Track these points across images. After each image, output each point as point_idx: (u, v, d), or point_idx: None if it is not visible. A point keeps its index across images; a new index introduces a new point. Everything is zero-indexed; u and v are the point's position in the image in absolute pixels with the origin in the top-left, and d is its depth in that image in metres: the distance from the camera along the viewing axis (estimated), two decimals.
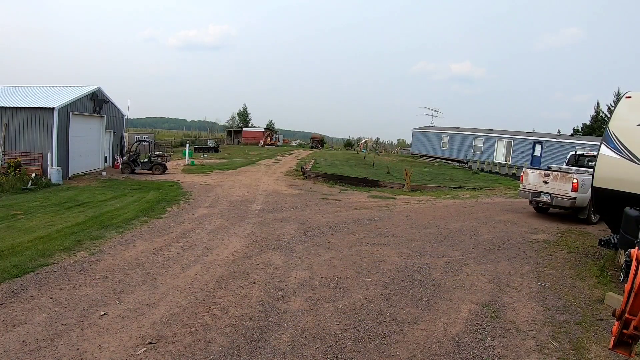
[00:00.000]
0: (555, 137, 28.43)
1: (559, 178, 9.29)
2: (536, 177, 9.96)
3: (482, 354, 3.14)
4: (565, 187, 9.03)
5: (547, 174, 9.73)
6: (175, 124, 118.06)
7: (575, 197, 8.87)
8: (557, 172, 9.62)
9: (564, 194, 9.05)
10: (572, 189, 8.88)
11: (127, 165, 17.74)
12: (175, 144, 39.93)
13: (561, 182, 9.17)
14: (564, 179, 9.14)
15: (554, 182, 9.41)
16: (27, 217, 7.96)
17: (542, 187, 9.72)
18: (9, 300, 3.94)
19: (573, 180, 8.88)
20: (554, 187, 9.35)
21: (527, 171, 10.49)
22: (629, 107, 5.58)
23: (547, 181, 9.60)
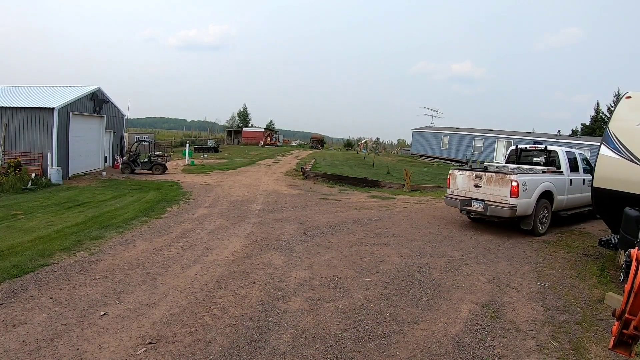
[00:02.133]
0: (555, 137, 28.44)
1: (493, 180, 7.44)
2: (465, 179, 8.02)
3: (482, 354, 3.14)
4: (502, 191, 7.24)
5: (478, 176, 7.80)
6: (175, 124, 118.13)
7: (516, 205, 7.02)
8: (491, 173, 7.68)
9: (501, 200, 7.26)
10: (510, 194, 7.07)
11: (127, 165, 17.75)
12: (175, 144, 39.95)
13: (497, 186, 7.36)
14: (500, 182, 7.31)
15: (487, 185, 7.54)
16: (27, 217, 7.96)
17: (474, 193, 7.82)
18: (9, 300, 3.94)
19: (512, 183, 7.05)
20: (488, 192, 7.52)
21: (454, 173, 8.37)
22: (629, 107, 5.58)
23: (479, 185, 7.69)
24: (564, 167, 8.60)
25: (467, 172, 8.14)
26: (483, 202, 7.57)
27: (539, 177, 7.73)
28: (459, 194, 8.12)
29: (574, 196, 8.75)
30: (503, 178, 7.29)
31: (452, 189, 8.32)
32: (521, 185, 7.05)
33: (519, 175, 7.22)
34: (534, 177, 7.54)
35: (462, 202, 7.95)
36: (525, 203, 7.23)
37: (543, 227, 7.89)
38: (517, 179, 7.08)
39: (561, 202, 8.28)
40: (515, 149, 10.01)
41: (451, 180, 8.36)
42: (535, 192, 7.39)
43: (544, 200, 7.65)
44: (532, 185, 7.31)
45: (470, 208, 7.92)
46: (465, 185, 8.02)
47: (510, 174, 7.25)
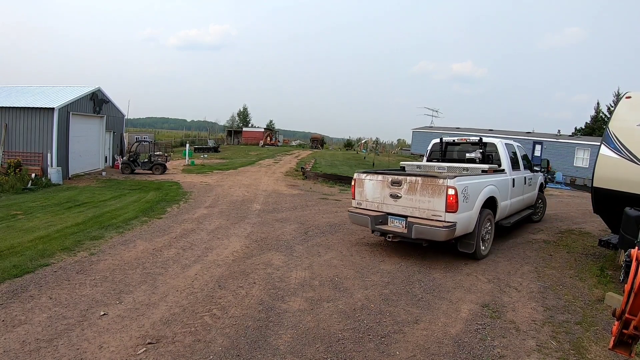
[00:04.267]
0: (555, 137, 28.45)
1: (419, 187, 5.32)
2: (378, 187, 5.78)
3: (482, 354, 3.14)
4: (434, 203, 5.16)
5: (396, 182, 5.54)
6: (175, 124, 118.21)
7: (454, 222, 5.02)
8: (415, 178, 5.43)
9: (432, 216, 5.15)
10: (446, 207, 5.04)
11: (127, 165, 17.76)
12: (175, 144, 39.96)
13: (424, 196, 5.25)
14: (430, 189, 5.21)
15: (410, 195, 5.40)
16: (27, 217, 7.96)
17: (391, 206, 5.62)
18: (9, 300, 3.94)
19: (448, 191, 5.01)
20: (412, 204, 5.37)
21: (360, 178, 6.04)
22: (629, 107, 5.57)
23: (397, 194, 5.51)
24: (505, 164, 6.86)
25: (379, 176, 5.80)
26: (405, 219, 5.39)
27: (481, 180, 5.73)
28: (369, 207, 5.88)
29: (517, 199, 7.25)
30: (434, 184, 5.15)
31: (358, 200, 6.03)
32: (460, 194, 5.04)
33: (457, 179, 5.08)
34: (475, 181, 5.52)
35: (373, 219, 5.64)
36: (467, 218, 5.23)
37: (486, 246, 5.91)
38: (455, 184, 4.99)
39: (505, 210, 6.60)
40: (439, 142, 7.79)
41: (357, 189, 6.05)
42: (478, 201, 5.47)
43: (487, 210, 5.80)
44: (473, 192, 5.34)
45: (385, 228, 5.60)
46: (377, 195, 5.76)
47: (445, 178, 5.10)
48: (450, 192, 5.02)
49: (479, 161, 7.05)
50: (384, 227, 5.69)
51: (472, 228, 5.43)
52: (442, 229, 4.98)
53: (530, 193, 8.13)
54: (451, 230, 5.02)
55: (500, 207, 6.32)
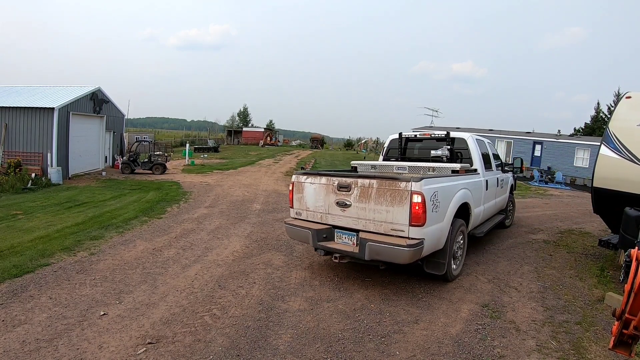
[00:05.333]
0: (555, 137, 28.45)
1: (374, 192, 4.12)
2: (321, 192, 4.56)
3: (482, 354, 3.14)
4: (395, 214, 3.99)
5: (344, 186, 4.34)
6: (175, 124, 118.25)
7: (422, 239, 3.91)
8: (368, 180, 4.20)
9: (392, 231, 4.01)
10: (411, 219, 3.89)
11: (127, 165, 17.77)
12: (175, 144, 39.97)
13: (382, 204, 4.07)
14: (389, 195, 4.02)
15: (363, 203, 4.20)
16: (27, 217, 7.96)
17: (337, 217, 4.43)
18: (9, 300, 3.94)
19: (413, 198, 3.87)
20: (366, 215, 4.18)
21: (299, 181, 4.78)
22: (629, 107, 5.57)
23: (346, 202, 4.32)
24: (478, 163, 5.83)
25: (322, 178, 4.54)
26: (356, 234, 4.20)
27: (453, 183, 4.63)
28: (310, 218, 4.65)
29: (490, 204, 6.33)
30: (394, 189, 3.95)
31: (297, 208, 4.79)
32: (429, 201, 3.89)
33: (425, 182, 3.91)
34: (446, 184, 4.42)
35: (315, 234, 4.42)
36: (437, 232, 4.11)
37: (458, 264, 4.89)
38: (422, 189, 3.83)
39: (478, 217, 5.61)
40: (398, 138, 6.56)
41: (295, 195, 4.79)
42: (450, 209, 4.39)
43: (460, 220, 4.76)
44: (444, 198, 4.26)
45: (331, 245, 4.37)
46: (321, 202, 4.52)
47: (408, 181, 3.89)
48: (415, 199, 3.81)
49: (446, 160, 5.90)
50: (329, 245, 4.37)
51: (443, 244, 4.34)
52: (405, 249, 3.74)
53: (503, 196, 7.44)
54: (417, 249, 3.81)
55: (474, 215, 5.31)
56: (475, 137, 6.20)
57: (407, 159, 6.66)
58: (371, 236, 4.09)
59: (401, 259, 3.91)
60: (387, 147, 7.02)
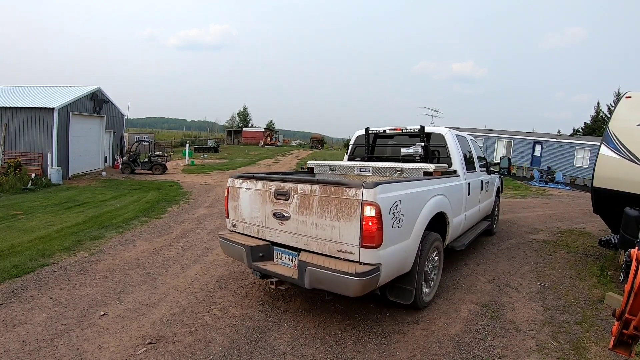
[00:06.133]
0: (555, 137, 28.46)
1: (315, 202, 3.20)
2: (257, 200, 3.69)
3: (482, 354, 3.14)
4: (341, 230, 3.06)
5: (282, 192, 3.44)
6: (175, 124, 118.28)
7: (378, 263, 3.00)
8: (309, 185, 3.29)
9: (340, 252, 3.10)
10: (362, 238, 2.96)
11: (127, 165, 17.77)
12: (175, 144, 40.00)
13: (325, 216, 3.14)
14: (334, 205, 3.09)
15: (303, 215, 3.29)
16: (27, 217, 7.96)
17: (275, 232, 3.56)
18: (9, 300, 3.94)
19: (365, 210, 2.93)
20: (307, 230, 3.27)
21: (234, 186, 3.94)
22: (629, 107, 5.57)
23: (283, 213, 3.43)
24: (458, 163, 4.97)
25: (258, 183, 3.69)
26: (297, 253, 3.35)
27: (424, 188, 3.75)
28: (247, 231, 3.85)
29: (473, 211, 5.47)
30: (340, 198, 3.07)
31: (233, 219, 3.98)
32: (388, 214, 3.05)
33: (382, 189, 3.03)
34: (413, 190, 3.51)
35: (250, 251, 3.61)
36: (399, 253, 3.26)
37: (431, 287, 4.08)
38: (377, 198, 2.95)
39: (458, 227, 4.77)
40: (365, 134, 5.75)
41: (230, 202, 3.98)
42: (419, 222, 3.54)
43: (434, 234, 3.92)
44: (411, 209, 3.41)
45: (267, 267, 3.55)
46: (256, 213, 3.68)
47: (359, 188, 3.01)
48: (367, 211, 2.90)
49: (420, 159, 5.04)
50: (264, 266, 3.56)
51: (410, 266, 3.47)
52: (354, 278, 2.85)
53: (488, 201, 6.58)
54: (370, 278, 2.92)
55: (453, 226, 4.45)
56: (455, 133, 5.28)
57: (376, 158, 5.78)
58: (313, 258, 3.15)
59: (349, 290, 2.92)
60: (352, 145, 6.09)
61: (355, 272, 2.91)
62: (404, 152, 5.18)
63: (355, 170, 5.07)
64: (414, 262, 3.56)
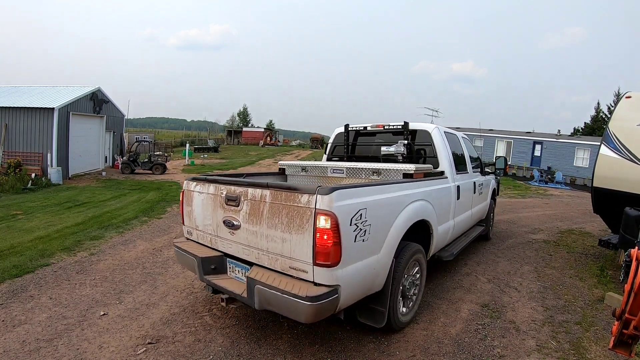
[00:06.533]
0: (555, 137, 28.46)
1: (265, 210, 2.75)
2: (209, 205, 3.25)
3: (482, 354, 3.14)
4: (292, 243, 2.57)
5: (232, 198, 2.99)
6: (175, 124, 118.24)
7: (335, 285, 2.49)
8: (259, 190, 2.82)
9: (292, 269, 2.61)
10: (315, 254, 2.45)
11: (127, 165, 17.78)
12: (175, 144, 40.01)
13: (275, 226, 2.68)
14: (285, 214, 2.62)
15: (253, 223, 2.84)
16: (27, 217, 7.96)
17: (227, 242, 3.12)
18: (9, 300, 3.94)
19: (317, 220, 2.43)
20: (258, 241, 2.82)
21: (189, 189, 3.52)
22: (629, 107, 5.58)
23: (233, 221, 2.98)
24: (446, 164, 4.46)
25: (211, 186, 3.27)
26: (249, 267, 2.97)
27: (398, 194, 3.24)
28: (201, 240, 3.48)
29: (464, 217, 4.98)
30: (291, 205, 2.61)
31: (188, 227, 3.62)
32: (348, 225, 2.56)
33: (339, 195, 2.51)
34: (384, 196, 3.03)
35: (201, 262, 3.23)
36: (366, 271, 2.80)
37: (410, 306, 3.60)
38: (332, 207, 2.45)
39: (445, 236, 4.31)
40: (344, 131, 5.33)
41: (185, 207, 3.61)
42: (392, 234, 3.06)
43: (413, 245, 3.45)
44: (382, 217, 2.96)
45: (218, 282, 3.16)
46: (209, 220, 3.29)
47: (312, 193, 2.52)
48: (321, 222, 2.43)
49: (402, 159, 4.57)
50: (215, 281, 3.15)
51: (382, 284, 3.02)
52: (305, 303, 2.38)
53: (482, 204, 6.05)
54: (327, 302, 2.44)
55: (438, 234, 3.98)
56: (444, 130, 4.83)
57: (356, 158, 5.33)
58: (264, 275, 2.72)
59: (300, 315, 2.47)
60: (331, 143, 5.60)
61: (306, 296, 2.40)
62: (384, 151, 4.74)
63: (329, 172, 4.59)
64: (387, 279, 3.07)
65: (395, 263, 3.16)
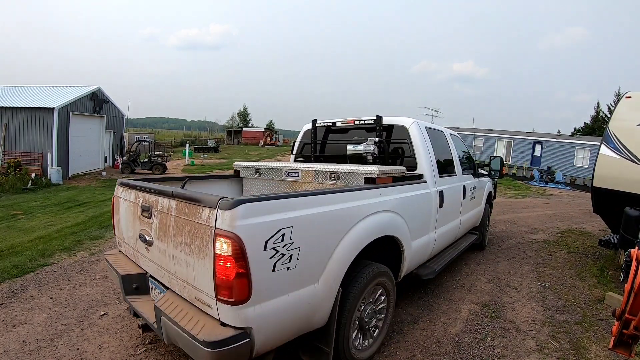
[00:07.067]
0: (555, 137, 28.46)
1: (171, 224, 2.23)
2: (130, 215, 2.82)
3: (482, 354, 3.14)
4: (195, 269, 2.02)
5: (146, 209, 2.50)
6: (175, 124, 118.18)
7: (243, 327, 1.87)
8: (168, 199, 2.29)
9: (198, 302, 2.06)
10: (217, 287, 1.86)
11: (127, 165, 17.78)
12: (175, 144, 40.03)
13: (180, 246, 2.13)
14: (187, 231, 2.07)
15: (162, 239, 2.33)
16: (27, 217, 7.96)
17: (144, 259, 2.66)
18: (9, 300, 3.94)
19: (217, 245, 1.83)
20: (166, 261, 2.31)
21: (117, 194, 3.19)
22: (629, 107, 5.58)
23: (146, 235, 2.51)
24: (425, 165, 3.74)
25: (132, 192, 2.86)
26: (165, 291, 2.42)
27: (346, 205, 2.50)
28: (127, 253, 3.10)
29: (449, 228, 4.26)
30: (193, 219, 2.03)
31: (118, 237, 3.29)
32: (259, 251, 1.89)
33: (245, 210, 1.84)
34: (321, 209, 2.27)
35: (121, 280, 2.76)
36: (294, 307, 2.13)
37: (372, 339, 3.00)
38: (233, 226, 1.80)
39: (424, 252, 3.67)
40: (312, 127, 4.66)
41: (115, 215, 3.30)
42: (338, 257, 2.38)
43: (375, 268, 2.81)
44: (318, 238, 2.26)
45: (137, 304, 2.65)
46: (130, 231, 2.90)
47: (213, 207, 1.89)
48: (221, 247, 1.85)
49: (373, 159, 3.86)
50: (135, 302, 2.70)
51: (324, 320, 2.40)
52: (204, 350, 1.83)
53: (474, 210, 5.35)
54: (233, 349, 1.86)
55: (413, 251, 3.36)
56: (425, 125, 4.06)
57: (324, 158, 4.63)
58: (173, 304, 2.22)
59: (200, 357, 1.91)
60: (300, 141, 4.98)
61: (203, 340, 1.82)
62: (350, 151, 3.98)
63: (283, 175, 3.80)
64: (332, 313, 2.40)
65: (343, 292, 2.49)
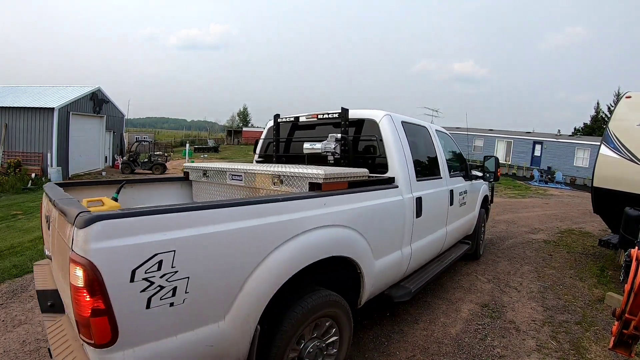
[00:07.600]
0: (555, 137, 28.48)
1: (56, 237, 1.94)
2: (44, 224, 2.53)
3: (481, 354, 3.14)
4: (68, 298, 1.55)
5: (47, 219, 2.28)
6: (175, 124, 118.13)
7: None
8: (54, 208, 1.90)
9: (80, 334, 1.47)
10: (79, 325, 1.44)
11: (127, 165, 17.79)
12: (175, 144, 40.05)
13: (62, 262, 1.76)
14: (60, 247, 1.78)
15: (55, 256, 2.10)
16: (27, 217, 7.97)
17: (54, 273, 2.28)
18: (9, 300, 3.94)
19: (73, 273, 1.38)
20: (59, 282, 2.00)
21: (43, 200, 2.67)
22: (629, 107, 5.58)
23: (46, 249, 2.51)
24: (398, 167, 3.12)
25: (45, 198, 2.52)
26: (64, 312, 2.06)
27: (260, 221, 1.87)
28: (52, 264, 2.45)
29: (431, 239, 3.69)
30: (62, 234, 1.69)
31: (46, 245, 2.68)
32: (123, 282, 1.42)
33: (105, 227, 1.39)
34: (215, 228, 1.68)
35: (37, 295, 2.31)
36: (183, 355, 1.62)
37: None
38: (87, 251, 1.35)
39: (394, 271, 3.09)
40: (273, 124, 4.12)
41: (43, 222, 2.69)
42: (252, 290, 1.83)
43: (319, 297, 2.23)
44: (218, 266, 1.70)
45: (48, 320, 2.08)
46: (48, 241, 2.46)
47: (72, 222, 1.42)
48: (74, 274, 1.40)
49: (334, 160, 3.35)
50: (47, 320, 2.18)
51: None
52: None
53: (466, 217, 4.81)
54: None
55: (377, 272, 2.79)
56: (400, 120, 3.42)
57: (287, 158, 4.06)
58: (62, 331, 1.99)
59: None
60: (263, 139, 4.49)
61: None
62: (307, 149, 3.46)
63: (227, 178, 3.21)
64: (249, 357, 1.93)
65: (268, 331, 2.02)
